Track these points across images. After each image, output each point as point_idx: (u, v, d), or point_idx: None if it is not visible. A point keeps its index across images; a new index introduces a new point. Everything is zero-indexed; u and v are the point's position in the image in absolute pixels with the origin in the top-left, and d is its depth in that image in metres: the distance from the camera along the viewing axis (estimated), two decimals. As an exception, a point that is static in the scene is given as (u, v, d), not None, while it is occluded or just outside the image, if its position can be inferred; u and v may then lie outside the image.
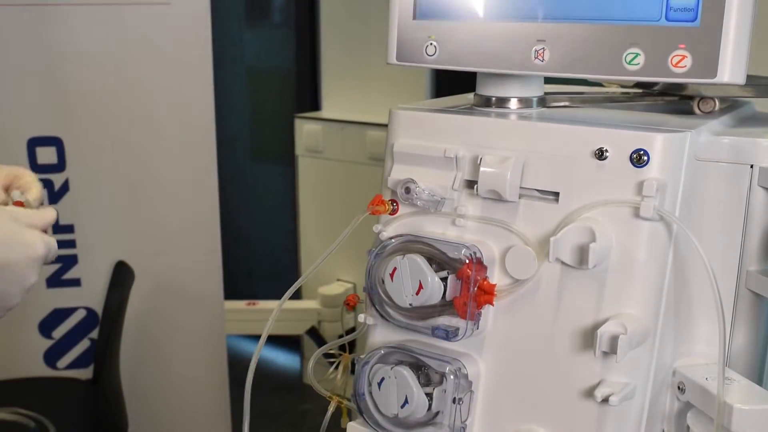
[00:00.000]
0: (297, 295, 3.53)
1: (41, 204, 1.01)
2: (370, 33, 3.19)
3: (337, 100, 3.38)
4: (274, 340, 3.81)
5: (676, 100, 1.05)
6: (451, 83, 1.12)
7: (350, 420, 1.02)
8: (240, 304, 3.24)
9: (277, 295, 3.60)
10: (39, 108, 2.29)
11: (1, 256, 0.86)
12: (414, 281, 0.88)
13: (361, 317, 0.98)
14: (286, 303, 3.45)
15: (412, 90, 3.08)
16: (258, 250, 3.93)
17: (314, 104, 3.46)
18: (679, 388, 0.90)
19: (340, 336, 1.07)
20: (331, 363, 1.07)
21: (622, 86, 1.19)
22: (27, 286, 0.88)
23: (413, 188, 0.91)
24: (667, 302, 0.85)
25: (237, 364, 2.83)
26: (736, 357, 0.93)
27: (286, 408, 3.32)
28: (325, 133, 3.29)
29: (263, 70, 3.78)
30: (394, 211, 0.95)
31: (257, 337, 3.89)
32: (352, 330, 3.30)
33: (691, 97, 1.01)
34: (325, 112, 3.41)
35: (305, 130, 3.34)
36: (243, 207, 3.84)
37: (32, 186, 1.01)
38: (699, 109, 1.00)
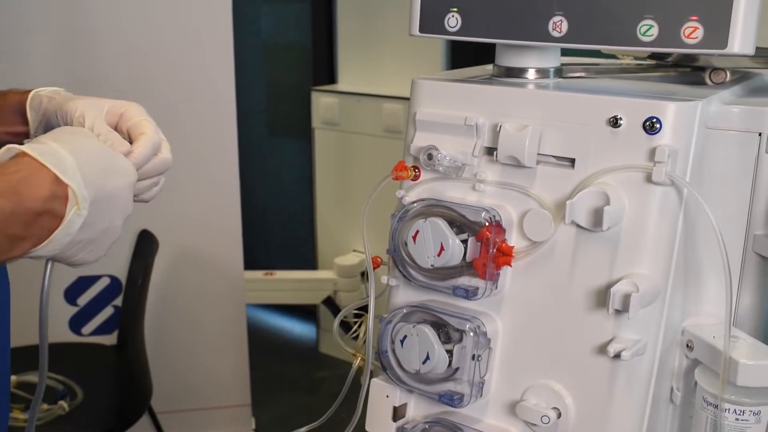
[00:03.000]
0: (313, 266, 3.58)
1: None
2: (385, 6, 3.21)
3: (353, 73, 3.41)
4: (291, 310, 3.88)
5: (688, 72, 1.09)
6: (467, 56, 1.16)
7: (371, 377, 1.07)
8: (258, 274, 3.30)
9: (294, 266, 3.67)
10: (63, 81, 2.33)
11: (108, 186, 0.77)
12: (435, 243, 0.93)
13: (384, 278, 1.02)
14: (302, 273, 3.51)
15: (428, 62, 3.11)
16: (275, 221, 3.98)
17: (330, 77, 3.49)
18: (687, 346, 0.94)
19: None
20: (348, 331, 1.10)
21: (636, 58, 1.23)
22: (127, 215, 0.81)
23: (435, 155, 0.95)
24: (677, 263, 0.89)
25: (254, 333, 2.89)
26: (743, 317, 0.97)
27: (302, 375, 3.39)
28: (341, 106, 3.33)
29: (279, 44, 3.80)
30: (416, 177, 0.99)
31: (274, 307, 3.96)
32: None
33: (702, 69, 1.04)
34: (342, 85, 3.44)
35: (322, 102, 3.38)
36: (260, 179, 3.89)
37: (144, 129, 0.87)
38: (710, 80, 1.03)
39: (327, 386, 3.27)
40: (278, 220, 3.97)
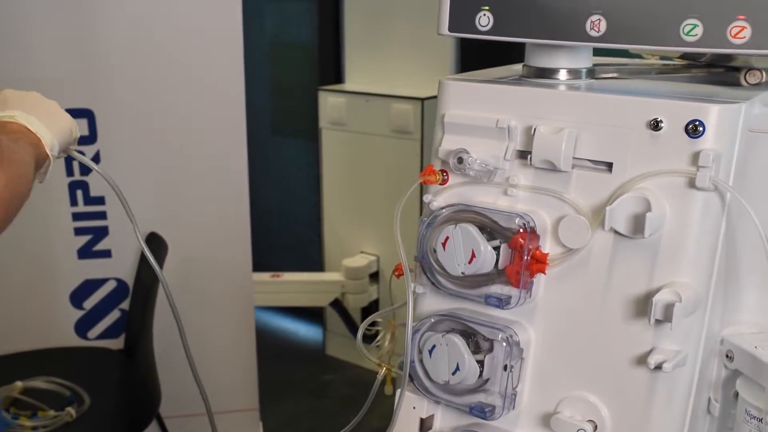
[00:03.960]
0: (320, 268, 3.55)
1: None
2: (393, 4, 3.18)
3: (360, 72, 3.37)
4: (298, 312, 3.84)
5: (721, 72, 1.05)
6: (478, 55, 1.12)
7: (394, 388, 1.04)
8: (264, 276, 3.27)
9: (300, 268, 3.60)
10: (70, 80, 2.30)
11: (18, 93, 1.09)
12: (467, 250, 0.90)
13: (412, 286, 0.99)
14: (310, 275, 3.46)
15: (437, 62, 3.07)
16: (281, 222, 3.95)
17: (338, 77, 3.46)
18: (727, 356, 0.91)
19: (364, 308, 1.07)
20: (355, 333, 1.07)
21: (662, 57, 1.19)
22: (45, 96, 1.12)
23: (466, 158, 0.92)
24: (718, 271, 0.86)
25: (260, 335, 2.85)
26: (784, 326, 0.94)
27: (309, 378, 3.35)
28: (349, 106, 3.29)
29: (285, 43, 3.77)
30: (444, 181, 0.96)
31: (282, 309, 3.91)
32: (374, 302, 3.35)
33: (737, 69, 1.01)
34: (349, 84, 3.41)
35: (329, 102, 3.34)
36: (267, 180, 3.85)
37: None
38: (746, 80, 1.00)
39: (333, 389, 3.23)
40: (285, 221, 3.94)
